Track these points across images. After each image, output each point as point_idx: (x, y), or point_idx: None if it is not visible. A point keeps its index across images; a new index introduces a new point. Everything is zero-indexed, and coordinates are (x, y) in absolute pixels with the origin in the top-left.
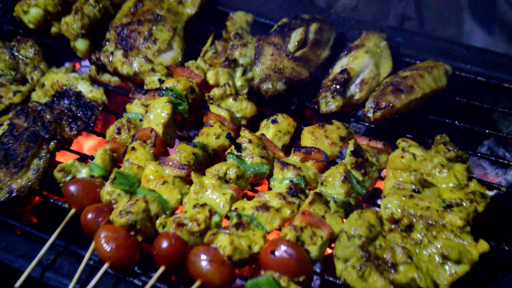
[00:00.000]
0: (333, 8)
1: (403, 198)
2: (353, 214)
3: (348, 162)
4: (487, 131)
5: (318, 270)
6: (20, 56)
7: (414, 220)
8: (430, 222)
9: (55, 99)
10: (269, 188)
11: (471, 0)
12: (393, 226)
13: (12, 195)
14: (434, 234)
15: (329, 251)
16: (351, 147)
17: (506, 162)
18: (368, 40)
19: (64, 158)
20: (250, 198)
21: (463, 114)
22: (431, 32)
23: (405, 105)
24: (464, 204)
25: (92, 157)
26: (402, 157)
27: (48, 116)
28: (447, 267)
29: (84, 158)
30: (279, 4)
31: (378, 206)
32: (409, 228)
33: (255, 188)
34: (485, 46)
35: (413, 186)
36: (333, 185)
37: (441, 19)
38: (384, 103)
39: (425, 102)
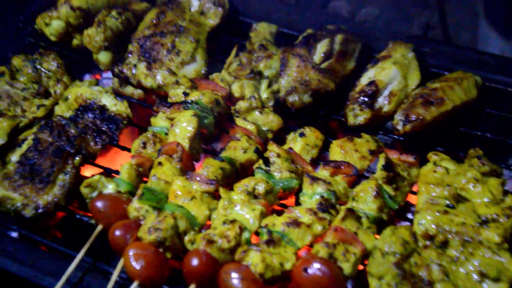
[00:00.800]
0: (356, 17)
1: (437, 214)
2: (386, 230)
3: (379, 177)
4: None
5: (350, 287)
6: (42, 69)
7: (450, 237)
8: (466, 239)
9: (79, 113)
10: (298, 203)
11: (486, 5)
12: (427, 243)
13: (39, 211)
14: (470, 251)
15: (360, 267)
16: (382, 161)
17: None
18: (395, 51)
19: (88, 172)
20: (278, 213)
21: (494, 126)
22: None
23: (435, 117)
24: (501, 220)
25: (116, 171)
26: (435, 171)
27: (72, 131)
28: (485, 285)
29: (108, 173)
30: (302, 14)
31: (408, 221)
32: (444, 244)
33: (281, 202)
34: (501, 52)
35: (447, 201)
36: (365, 201)
37: (456, 25)
38: (414, 116)
39: (455, 114)
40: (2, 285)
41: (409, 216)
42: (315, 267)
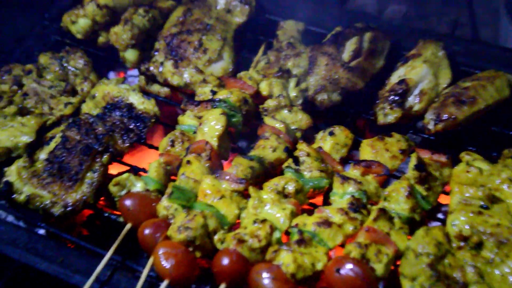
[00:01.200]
0: (383, 14)
1: (471, 215)
2: (420, 231)
3: (411, 177)
4: None
5: None
6: (69, 67)
7: (484, 238)
8: (501, 240)
9: (106, 111)
10: (325, 202)
11: (507, 2)
12: (461, 244)
13: (67, 209)
14: (505, 252)
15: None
16: (414, 161)
17: None
18: (425, 49)
19: (115, 170)
20: (308, 212)
21: None
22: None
23: (467, 117)
24: None
25: (143, 170)
26: (468, 171)
27: (100, 128)
28: None
29: (136, 171)
30: (329, 12)
31: (439, 221)
32: (479, 246)
33: (310, 202)
34: None
35: (481, 202)
36: (397, 201)
37: (478, 22)
38: (445, 115)
39: (487, 113)
40: (31, 283)
41: (440, 216)
42: (347, 268)
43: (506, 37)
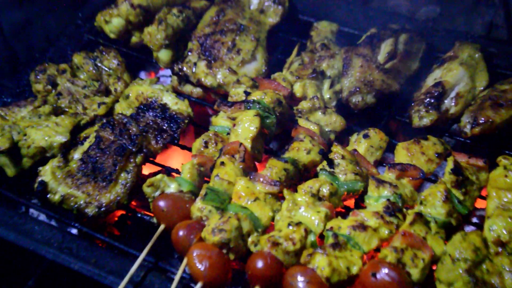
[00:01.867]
0: (415, 15)
1: (509, 220)
2: (457, 236)
3: (448, 181)
4: None
5: None
6: (103, 67)
7: None
8: None
9: (140, 111)
10: (357, 205)
11: None
12: (499, 249)
13: (101, 209)
14: None
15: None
16: (450, 164)
17: None
18: (462, 51)
19: (147, 170)
20: (342, 215)
21: None
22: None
23: (505, 120)
24: None
25: (175, 170)
26: (506, 176)
27: (134, 129)
28: None
29: (168, 172)
30: (362, 13)
31: (475, 226)
32: None
33: (355, 209)
34: None
35: None
36: (434, 205)
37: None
38: (483, 118)
39: None
40: (64, 282)
41: (475, 220)
42: (383, 272)
43: None
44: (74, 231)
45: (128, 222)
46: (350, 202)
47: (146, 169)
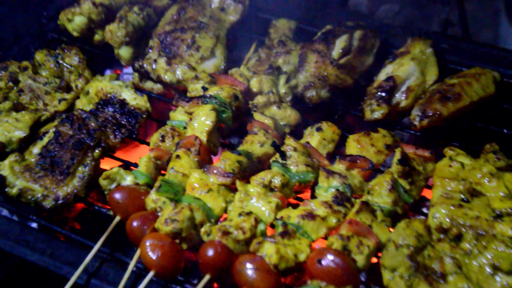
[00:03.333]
0: (375, 14)
1: (452, 208)
2: (401, 223)
3: (395, 171)
4: None
5: (363, 279)
6: (64, 64)
7: (463, 230)
8: (479, 232)
9: (99, 106)
10: (314, 196)
11: (507, 3)
12: (441, 236)
13: (59, 202)
14: (484, 244)
15: (374, 260)
16: (398, 155)
17: None
18: (413, 47)
19: (108, 165)
20: (294, 206)
21: None
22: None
23: (452, 113)
24: None
25: (135, 164)
26: (450, 166)
27: (93, 124)
28: (498, 278)
29: (127, 165)
30: (321, 11)
31: (424, 215)
32: (458, 238)
33: (298, 196)
34: None
35: (462, 196)
36: (380, 194)
37: (477, 23)
38: (431, 111)
39: (472, 109)
40: (22, 274)
41: (425, 211)
42: (329, 259)
43: (506, 38)
44: (34, 225)
45: (89, 216)
46: (308, 195)
47: (108, 164)
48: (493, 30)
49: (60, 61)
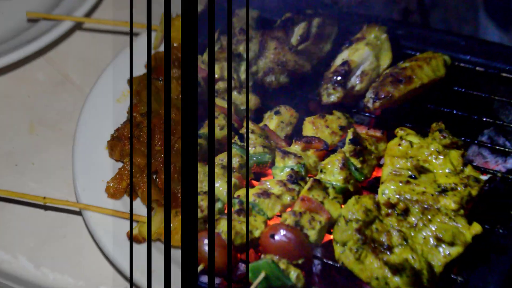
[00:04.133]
0: (338, 3)
1: (400, 184)
2: (351, 199)
3: (347, 150)
4: (485, 119)
5: (319, 255)
6: None
7: (410, 205)
8: (425, 206)
9: None
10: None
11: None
12: (389, 211)
13: None
14: (429, 217)
15: (330, 237)
16: (350, 135)
17: (506, 150)
18: (369, 33)
19: None
20: (254, 187)
21: (463, 104)
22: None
23: (403, 95)
24: (459, 189)
25: None
26: (399, 144)
27: None
28: (441, 249)
29: None
30: (286, 1)
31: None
32: (405, 212)
33: (262, 179)
34: (501, 42)
35: (410, 172)
36: (332, 172)
37: (458, 17)
38: (383, 94)
39: (424, 92)
40: None
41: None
42: (281, 234)
43: (484, 32)
44: None
45: None
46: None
47: None
48: (472, 24)
49: None
